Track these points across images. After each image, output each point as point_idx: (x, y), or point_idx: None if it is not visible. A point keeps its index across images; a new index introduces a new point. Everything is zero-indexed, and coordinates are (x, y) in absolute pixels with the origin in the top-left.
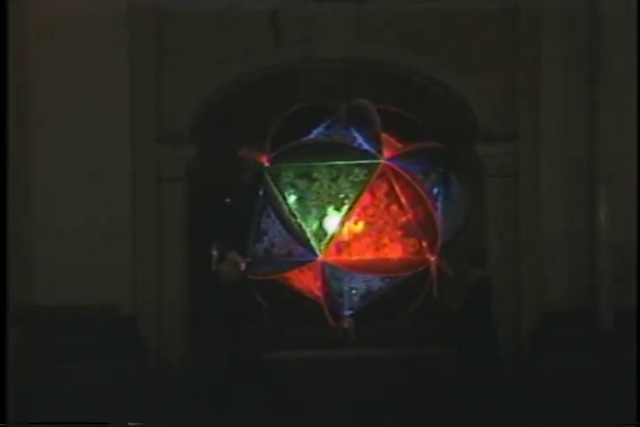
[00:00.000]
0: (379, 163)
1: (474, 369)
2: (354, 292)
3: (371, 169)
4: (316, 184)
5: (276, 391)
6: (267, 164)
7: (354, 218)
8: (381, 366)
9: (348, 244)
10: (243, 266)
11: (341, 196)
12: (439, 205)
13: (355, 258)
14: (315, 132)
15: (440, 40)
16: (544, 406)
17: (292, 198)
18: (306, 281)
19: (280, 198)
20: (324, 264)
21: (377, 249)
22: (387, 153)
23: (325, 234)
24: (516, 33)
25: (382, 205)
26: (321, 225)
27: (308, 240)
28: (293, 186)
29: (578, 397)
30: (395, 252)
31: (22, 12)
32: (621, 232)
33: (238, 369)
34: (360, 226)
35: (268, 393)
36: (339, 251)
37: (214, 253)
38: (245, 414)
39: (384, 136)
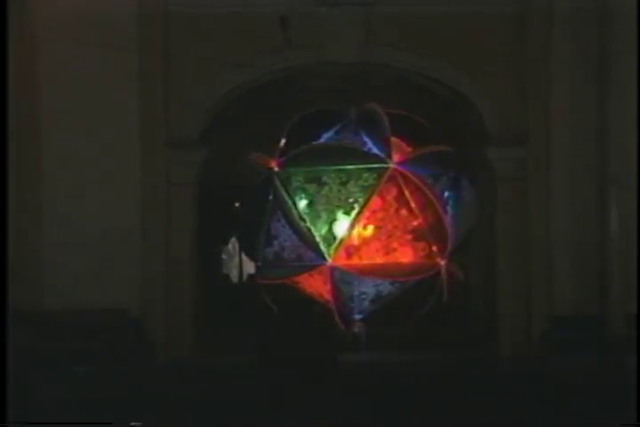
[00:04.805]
0: (388, 167)
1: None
2: (364, 296)
3: (380, 173)
4: (326, 188)
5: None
6: (276, 168)
7: (363, 222)
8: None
9: (357, 248)
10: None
11: (351, 200)
12: (449, 209)
13: (364, 262)
14: (325, 137)
15: (449, 43)
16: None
17: (301, 203)
18: (315, 285)
19: (289, 203)
20: (333, 268)
21: (386, 253)
22: (396, 157)
23: (335, 238)
24: (526, 34)
25: (392, 210)
26: (330, 229)
27: (317, 244)
28: (303, 190)
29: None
30: (404, 256)
31: (29, 14)
32: (632, 235)
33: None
34: (369, 230)
35: None
36: (348, 255)
37: (224, 256)
38: (251, 414)
39: (394, 140)
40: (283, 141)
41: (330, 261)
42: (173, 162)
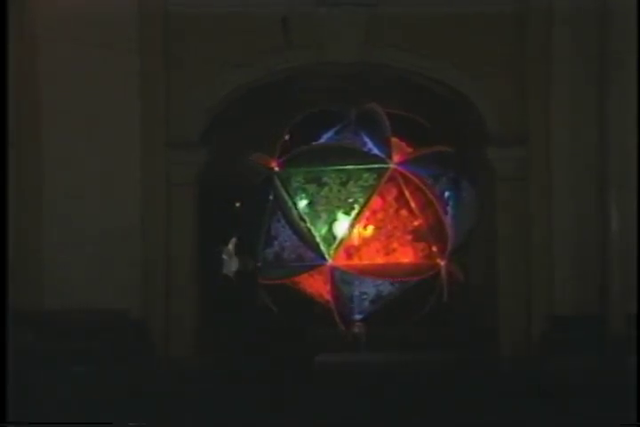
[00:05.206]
0: (388, 167)
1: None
2: (364, 296)
3: (380, 174)
4: (326, 189)
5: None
6: (276, 168)
7: (363, 222)
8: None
9: (357, 248)
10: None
11: (351, 200)
12: (450, 209)
13: (364, 262)
14: (325, 137)
15: (450, 43)
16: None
17: (301, 203)
18: (316, 285)
19: (290, 203)
20: (333, 269)
21: (387, 254)
22: (396, 157)
23: (335, 238)
24: (526, 34)
25: (392, 210)
26: (330, 229)
27: (317, 245)
28: (303, 190)
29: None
30: (405, 256)
31: (29, 14)
32: (632, 235)
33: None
34: (369, 230)
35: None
36: (348, 255)
37: (224, 256)
38: (249, 414)
39: (394, 140)
40: (283, 142)
41: (330, 261)
42: (173, 162)
